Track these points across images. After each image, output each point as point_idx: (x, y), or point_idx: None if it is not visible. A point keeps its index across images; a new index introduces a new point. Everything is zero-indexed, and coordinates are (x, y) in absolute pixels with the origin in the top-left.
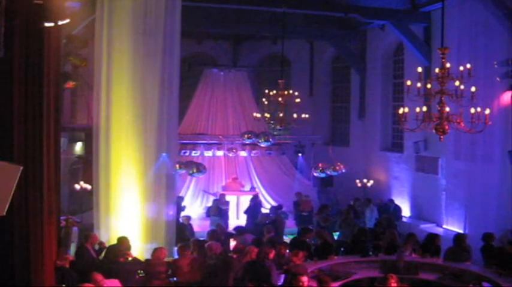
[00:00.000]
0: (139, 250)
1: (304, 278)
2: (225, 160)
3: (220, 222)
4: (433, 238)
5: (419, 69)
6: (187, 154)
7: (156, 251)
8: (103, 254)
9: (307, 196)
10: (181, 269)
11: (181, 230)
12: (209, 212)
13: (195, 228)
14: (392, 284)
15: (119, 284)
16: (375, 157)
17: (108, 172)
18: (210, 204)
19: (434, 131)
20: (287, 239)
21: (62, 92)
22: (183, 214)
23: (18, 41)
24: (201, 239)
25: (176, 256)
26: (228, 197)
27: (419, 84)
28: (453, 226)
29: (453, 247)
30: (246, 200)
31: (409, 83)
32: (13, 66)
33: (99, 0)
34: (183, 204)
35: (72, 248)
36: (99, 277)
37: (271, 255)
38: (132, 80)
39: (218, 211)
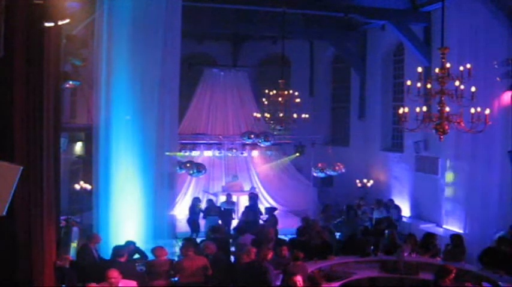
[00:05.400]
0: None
1: (298, 278)
2: (225, 160)
3: (217, 222)
4: (429, 237)
5: (419, 69)
6: (187, 153)
7: (156, 251)
8: None
9: (316, 221)
10: (184, 269)
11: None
12: (206, 212)
13: None
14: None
15: (135, 285)
16: (375, 157)
17: (108, 172)
18: None
19: (434, 131)
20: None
21: (62, 92)
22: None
23: (18, 41)
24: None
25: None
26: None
27: (419, 84)
28: (453, 226)
29: (451, 247)
30: (245, 201)
31: (409, 83)
32: (13, 66)
33: (99, 0)
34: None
35: (72, 248)
36: (114, 273)
37: (270, 256)
38: (132, 80)
39: (217, 211)
